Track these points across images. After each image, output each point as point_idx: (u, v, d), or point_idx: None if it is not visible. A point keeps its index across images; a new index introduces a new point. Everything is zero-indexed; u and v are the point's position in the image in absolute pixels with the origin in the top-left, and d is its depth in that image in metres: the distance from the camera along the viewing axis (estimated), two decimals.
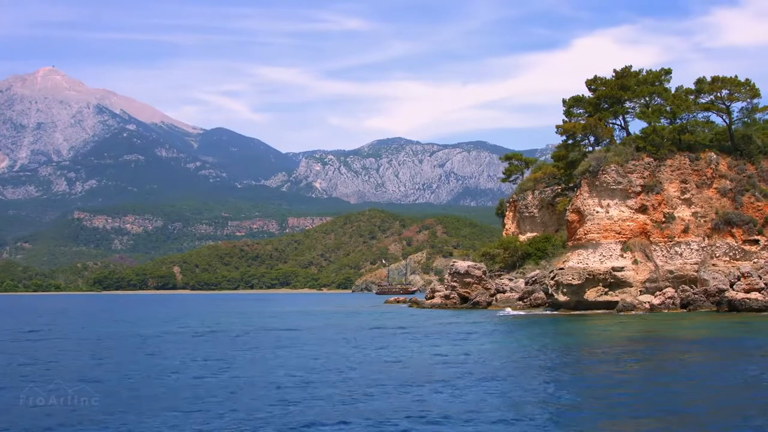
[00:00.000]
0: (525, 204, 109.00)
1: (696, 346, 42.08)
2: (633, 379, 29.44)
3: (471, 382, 28.05)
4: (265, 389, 26.87)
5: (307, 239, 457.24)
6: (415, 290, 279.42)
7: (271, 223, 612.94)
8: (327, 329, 59.23)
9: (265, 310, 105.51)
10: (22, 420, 21.94)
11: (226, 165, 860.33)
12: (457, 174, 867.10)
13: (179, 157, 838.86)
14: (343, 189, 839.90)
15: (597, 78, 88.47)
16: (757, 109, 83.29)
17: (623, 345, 42.13)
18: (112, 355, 40.63)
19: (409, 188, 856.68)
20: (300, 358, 36.72)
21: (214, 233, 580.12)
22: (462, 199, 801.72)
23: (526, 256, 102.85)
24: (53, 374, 31.18)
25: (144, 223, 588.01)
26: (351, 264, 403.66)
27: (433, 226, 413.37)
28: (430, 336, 49.11)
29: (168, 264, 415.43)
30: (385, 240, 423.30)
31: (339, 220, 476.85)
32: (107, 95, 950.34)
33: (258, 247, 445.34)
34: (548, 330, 54.44)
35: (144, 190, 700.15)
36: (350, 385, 27.46)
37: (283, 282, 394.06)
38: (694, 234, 77.49)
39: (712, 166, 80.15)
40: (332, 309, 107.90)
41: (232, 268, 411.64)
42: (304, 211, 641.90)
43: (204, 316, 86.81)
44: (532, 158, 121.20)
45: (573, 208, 79.83)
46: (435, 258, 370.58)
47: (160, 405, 23.97)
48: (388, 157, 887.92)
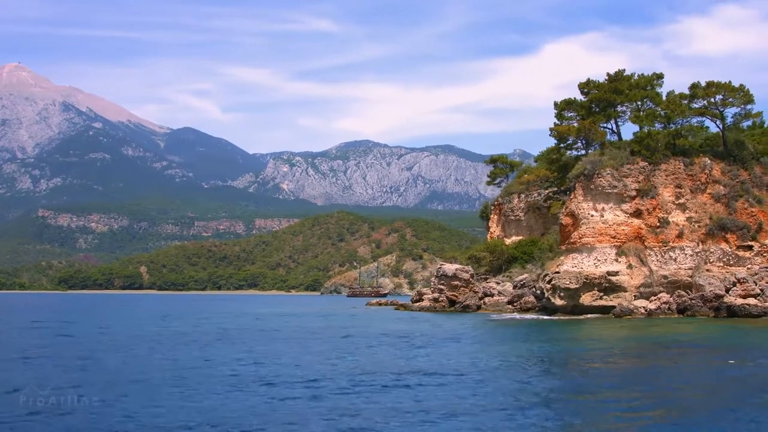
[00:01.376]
0: (511, 207, 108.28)
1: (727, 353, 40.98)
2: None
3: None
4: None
5: (276, 240, 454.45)
6: (387, 293, 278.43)
7: (237, 224, 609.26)
8: (348, 335, 53.42)
9: (253, 311, 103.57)
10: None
11: (192, 165, 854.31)
12: (424, 177, 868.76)
13: (146, 156, 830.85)
14: (310, 191, 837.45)
15: (590, 81, 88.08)
16: (750, 114, 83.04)
17: (658, 355, 40.56)
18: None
19: (376, 191, 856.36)
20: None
21: (180, 233, 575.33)
22: (429, 202, 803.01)
23: (512, 260, 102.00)
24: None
25: (109, 222, 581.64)
26: (319, 266, 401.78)
27: (402, 229, 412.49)
28: (461, 341, 47.43)
29: (135, 264, 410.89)
30: (354, 242, 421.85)
31: (307, 221, 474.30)
32: (73, 92, 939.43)
33: (226, 247, 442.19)
34: (567, 334, 53.46)
35: (110, 189, 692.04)
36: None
37: (250, 283, 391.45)
38: (688, 239, 77.07)
39: (707, 171, 79.86)
40: (317, 311, 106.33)
41: (199, 268, 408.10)
42: (271, 213, 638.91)
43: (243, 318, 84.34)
44: (518, 161, 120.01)
45: (567, 211, 79.12)
46: (405, 261, 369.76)
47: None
48: (356, 160, 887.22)
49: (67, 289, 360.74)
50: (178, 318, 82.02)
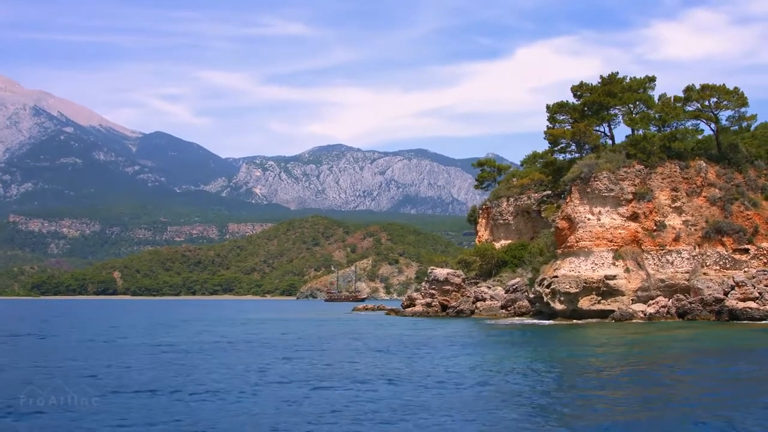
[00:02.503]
0: (499, 211, 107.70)
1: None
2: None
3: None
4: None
5: (250, 245, 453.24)
6: (365, 297, 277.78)
7: (211, 228, 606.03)
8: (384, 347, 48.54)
9: (249, 318, 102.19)
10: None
11: (165, 169, 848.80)
12: (397, 181, 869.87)
13: (117, 161, 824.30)
14: (283, 195, 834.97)
15: (583, 84, 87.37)
16: (744, 117, 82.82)
17: (682, 360, 39.73)
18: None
19: (349, 195, 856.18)
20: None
21: (153, 238, 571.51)
22: (402, 206, 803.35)
23: (501, 264, 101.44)
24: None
25: (81, 228, 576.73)
26: (295, 270, 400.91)
27: (377, 233, 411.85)
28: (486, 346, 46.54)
29: (108, 269, 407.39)
30: (329, 247, 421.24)
31: (282, 226, 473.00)
32: (44, 97, 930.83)
33: (200, 252, 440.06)
34: (584, 339, 53.00)
35: (81, 194, 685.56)
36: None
37: (225, 288, 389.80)
38: (685, 242, 76.67)
39: (702, 175, 79.57)
40: (308, 317, 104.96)
41: (173, 273, 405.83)
42: (245, 217, 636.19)
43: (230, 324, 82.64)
44: (505, 165, 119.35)
45: (563, 215, 78.45)
46: (381, 265, 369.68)
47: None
48: (329, 164, 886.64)
49: (40, 295, 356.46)
50: (179, 326, 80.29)
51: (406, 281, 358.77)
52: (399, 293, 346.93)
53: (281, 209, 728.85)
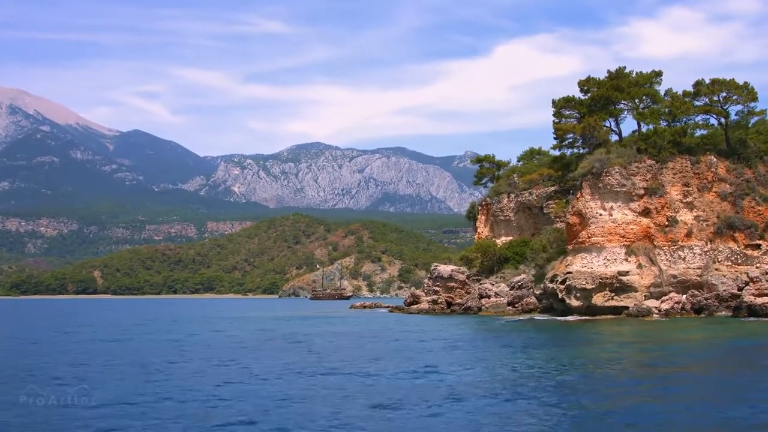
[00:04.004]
0: (500, 207, 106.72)
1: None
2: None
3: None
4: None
5: (231, 243, 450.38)
6: (350, 295, 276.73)
7: (189, 227, 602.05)
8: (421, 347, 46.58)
9: (250, 316, 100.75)
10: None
11: (142, 168, 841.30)
12: (376, 180, 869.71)
13: (95, 160, 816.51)
14: (262, 193, 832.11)
15: (590, 78, 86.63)
16: (753, 112, 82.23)
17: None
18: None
19: (328, 193, 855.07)
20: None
21: (131, 237, 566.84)
22: (381, 204, 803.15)
23: (503, 261, 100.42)
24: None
25: (59, 227, 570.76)
26: (276, 269, 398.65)
27: (359, 231, 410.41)
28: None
29: (88, 268, 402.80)
30: (310, 245, 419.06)
31: (263, 224, 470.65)
32: (20, 95, 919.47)
33: (181, 251, 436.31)
34: (633, 337, 52.02)
35: (58, 193, 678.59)
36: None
37: (207, 287, 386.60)
38: (696, 238, 76.13)
39: (713, 170, 78.97)
40: (310, 314, 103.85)
41: (154, 272, 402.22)
42: (223, 216, 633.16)
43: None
44: (504, 161, 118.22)
45: (574, 210, 77.54)
46: (363, 263, 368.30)
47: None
48: (308, 162, 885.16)
49: (19, 295, 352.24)
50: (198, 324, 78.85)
51: (389, 279, 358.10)
52: (382, 291, 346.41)
53: (260, 208, 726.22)
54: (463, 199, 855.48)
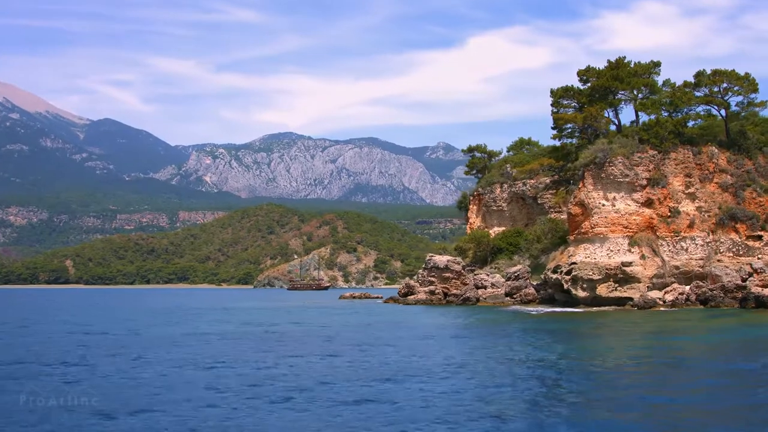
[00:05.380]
0: (493, 197, 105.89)
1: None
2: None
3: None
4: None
5: (204, 233, 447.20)
6: (328, 286, 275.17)
7: (161, 216, 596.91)
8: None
9: (251, 307, 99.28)
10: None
11: (113, 157, 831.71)
12: (348, 170, 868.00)
13: (65, 148, 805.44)
14: (233, 183, 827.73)
15: (590, 68, 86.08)
16: (753, 103, 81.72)
17: None
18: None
19: (300, 183, 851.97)
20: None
21: (102, 226, 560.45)
22: (353, 195, 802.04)
23: (497, 251, 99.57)
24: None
25: (28, 215, 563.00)
26: (250, 259, 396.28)
27: (333, 222, 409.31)
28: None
29: (60, 257, 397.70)
30: (285, 235, 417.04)
31: (236, 214, 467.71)
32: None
33: (153, 240, 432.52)
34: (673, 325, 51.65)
35: (28, 182, 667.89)
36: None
37: (180, 277, 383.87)
38: (699, 229, 75.74)
39: (714, 161, 78.52)
40: (300, 305, 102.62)
41: (126, 262, 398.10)
42: (195, 205, 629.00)
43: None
44: (496, 151, 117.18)
45: (576, 201, 76.77)
46: (339, 253, 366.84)
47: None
48: (280, 152, 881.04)
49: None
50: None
51: (365, 269, 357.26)
52: (357, 282, 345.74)
53: (232, 197, 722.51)
54: (436, 189, 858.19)
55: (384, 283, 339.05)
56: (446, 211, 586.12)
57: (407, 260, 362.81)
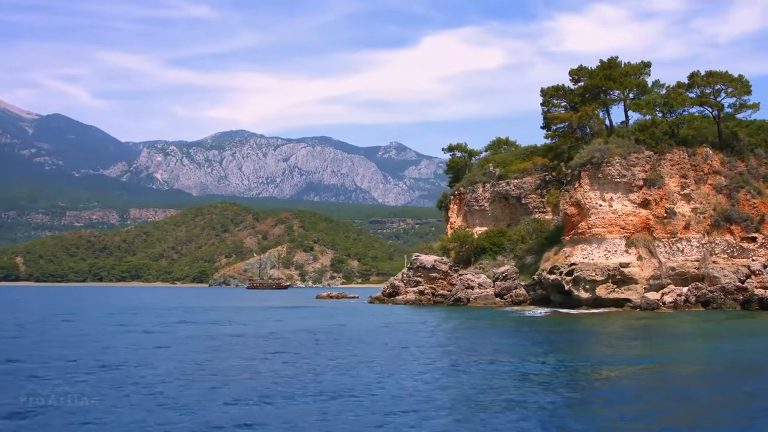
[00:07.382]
0: (475, 197, 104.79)
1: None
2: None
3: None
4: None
5: (157, 231, 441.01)
6: (288, 285, 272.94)
7: (111, 213, 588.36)
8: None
9: (236, 306, 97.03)
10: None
11: (62, 152, 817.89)
12: (301, 169, 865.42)
13: (12, 143, 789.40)
14: (185, 181, 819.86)
15: (582, 68, 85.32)
16: (746, 105, 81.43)
17: None
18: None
19: (252, 182, 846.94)
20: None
21: (51, 223, 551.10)
22: (306, 194, 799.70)
23: (480, 251, 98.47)
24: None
25: None
26: (204, 257, 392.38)
27: (289, 220, 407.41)
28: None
29: (9, 254, 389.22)
30: (239, 233, 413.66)
31: (190, 212, 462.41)
32: None
33: (106, 238, 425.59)
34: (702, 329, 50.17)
35: None
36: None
37: (134, 275, 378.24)
38: (694, 230, 75.28)
39: (709, 162, 78.28)
40: (288, 304, 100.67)
41: (78, 259, 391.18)
42: (146, 203, 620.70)
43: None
44: (476, 150, 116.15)
45: (572, 201, 76.00)
46: (295, 252, 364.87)
47: None
48: (232, 150, 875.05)
49: None
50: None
51: (321, 269, 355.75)
52: (314, 281, 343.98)
53: (183, 195, 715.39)
54: (388, 189, 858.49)
55: (341, 282, 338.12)
56: (399, 210, 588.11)
57: (364, 260, 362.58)
